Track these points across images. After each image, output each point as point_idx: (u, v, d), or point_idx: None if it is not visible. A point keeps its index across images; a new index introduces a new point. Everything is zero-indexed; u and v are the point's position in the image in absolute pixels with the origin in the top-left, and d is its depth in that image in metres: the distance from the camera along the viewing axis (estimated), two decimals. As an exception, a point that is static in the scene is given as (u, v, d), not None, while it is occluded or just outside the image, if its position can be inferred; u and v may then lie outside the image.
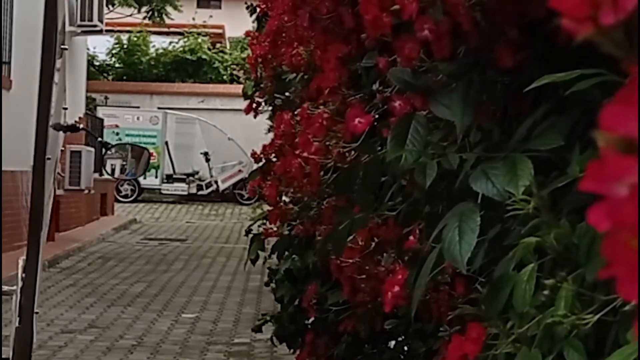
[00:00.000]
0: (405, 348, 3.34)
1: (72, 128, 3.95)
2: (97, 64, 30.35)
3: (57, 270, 13.11)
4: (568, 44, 1.52)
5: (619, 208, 0.51)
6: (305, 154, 2.02)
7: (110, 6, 24.06)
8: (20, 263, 3.27)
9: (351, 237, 2.16)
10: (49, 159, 3.31)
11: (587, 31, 0.56)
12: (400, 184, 2.14)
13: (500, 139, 1.74)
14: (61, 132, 3.55)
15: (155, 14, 25.90)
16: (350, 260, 2.17)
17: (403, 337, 3.31)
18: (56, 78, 3.30)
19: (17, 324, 3.22)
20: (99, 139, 12.59)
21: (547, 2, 1.59)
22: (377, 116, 2.11)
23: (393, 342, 3.49)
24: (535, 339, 1.29)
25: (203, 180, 24.10)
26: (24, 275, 3.32)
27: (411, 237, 2.01)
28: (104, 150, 6.22)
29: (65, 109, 3.48)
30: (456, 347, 1.35)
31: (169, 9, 25.74)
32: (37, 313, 3.24)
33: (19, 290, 3.16)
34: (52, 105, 3.34)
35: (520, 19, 1.65)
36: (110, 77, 30.73)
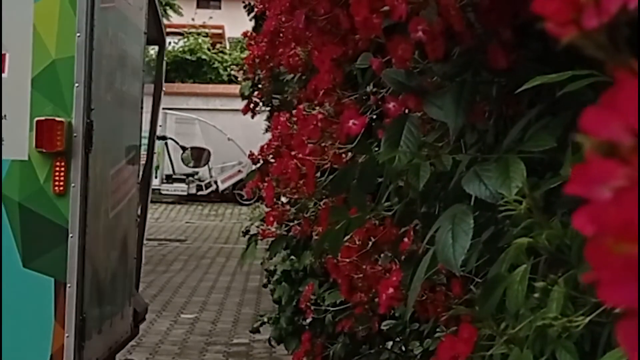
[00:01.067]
0: (403, 348, 3.34)
1: (162, 138, 9.69)
2: (97, 64, 30.29)
3: (57, 271, 13.07)
4: (561, 45, 1.52)
5: (602, 212, 0.51)
6: (300, 155, 2.02)
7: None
8: None
9: (348, 237, 2.16)
10: (155, 153, 5.57)
11: (571, 34, 0.56)
12: (397, 184, 2.14)
13: (495, 139, 1.74)
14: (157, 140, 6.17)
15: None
16: (347, 260, 2.17)
17: (400, 337, 3.31)
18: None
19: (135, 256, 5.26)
20: (179, 143, 16.16)
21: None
22: (373, 117, 2.11)
23: (390, 343, 3.50)
24: (528, 340, 1.29)
25: (203, 181, 24.06)
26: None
27: (406, 239, 2.01)
28: (182, 150, 14.56)
29: (160, 126, 6.47)
30: (448, 348, 1.35)
31: (169, 12, 25.78)
32: (145, 244, 5.45)
33: None
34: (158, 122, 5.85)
35: (514, 19, 1.65)
36: (110, 78, 30.68)
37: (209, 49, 29.93)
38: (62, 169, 3.76)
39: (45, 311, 3.75)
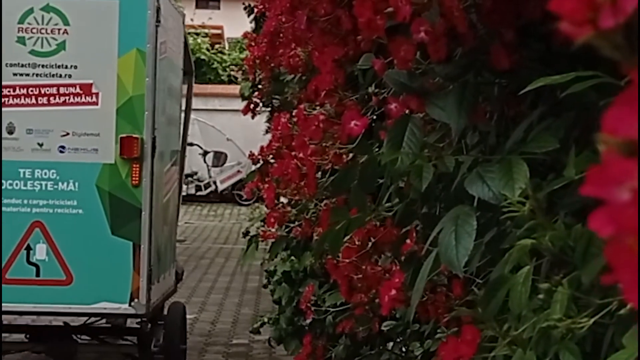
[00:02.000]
0: (403, 349, 3.34)
1: (190, 144, 10.21)
2: (96, 64, 30.36)
3: (56, 271, 13.05)
4: (564, 45, 1.52)
5: (621, 212, 0.50)
6: (301, 156, 2.02)
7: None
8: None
9: (348, 237, 2.16)
10: (185, 156, 7.45)
11: (587, 34, 0.56)
12: (397, 185, 2.14)
13: (497, 141, 1.74)
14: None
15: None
16: (347, 260, 2.17)
17: (401, 338, 3.31)
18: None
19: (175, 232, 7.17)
20: (202, 147, 19.45)
21: (542, 4, 1.58)
22: (374, 117, 2.11)
23: (391, 344, 3.49)
24: (531, 342, 1.29)
25: (202, 181, 24.00)
26: None
27: (408, 241, 2.01)
28: (204, 153, 18.84)
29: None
30: (451, 349, 1.35)
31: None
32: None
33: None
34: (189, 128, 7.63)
35: (516, 20, 1.65)
36: (108, 78, 30.72)
37: (208, 49, 29.91)
38: (137, 169, 5.68)
39: (126, 263, 5.67)
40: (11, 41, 5.74)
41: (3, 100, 5.76)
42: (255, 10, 5.87)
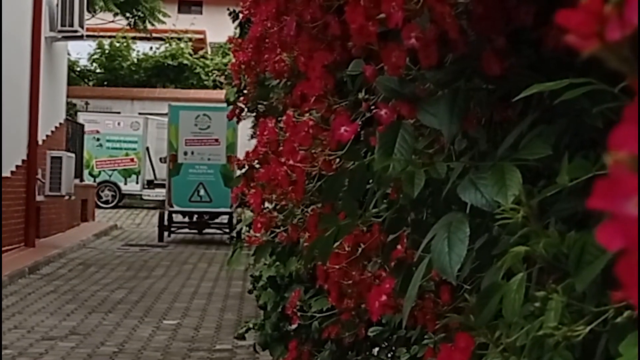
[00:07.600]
0: (389, 355, 3.33)
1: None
2: (78, 69, 30.33)
3: (38, 277, 13.03)
4: (554, 52, 1.52)
5: (632, 228, 0.49)
6: (290, 162, 2.01)
7: (92, 12, 24.01)
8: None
9: (337, 244, 2.15)
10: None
11: (593, 47, 0.55)
12: (384, 191, 2.13)
13: (487, 147, 1.74)
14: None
15: (139, 22, 25.88)
16: (337, 266, 2.16)
17: (387, 344, 3.30)
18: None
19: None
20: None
21: (533, 10, 1.57)
22: (360, 123, 2.10)
23: (377, 349, 3.49)
24: (524, 349, 1.28)
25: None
26: None
27: (399, 247, 2.00)
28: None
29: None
30: (444, 357, 1.34)
31: (158, 16, 25.76)
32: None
33: None
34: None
35: (507, 26, 1.65)
36: (91, 83, 30.72)
37: (190, 54, 29.88)
38: (233, 164, 11.69)
39: (228, 196, 16.40)
40: (192, 124, 18.35)
41: (191, 144, 18.64)
42: (241, 15, 5.86)
